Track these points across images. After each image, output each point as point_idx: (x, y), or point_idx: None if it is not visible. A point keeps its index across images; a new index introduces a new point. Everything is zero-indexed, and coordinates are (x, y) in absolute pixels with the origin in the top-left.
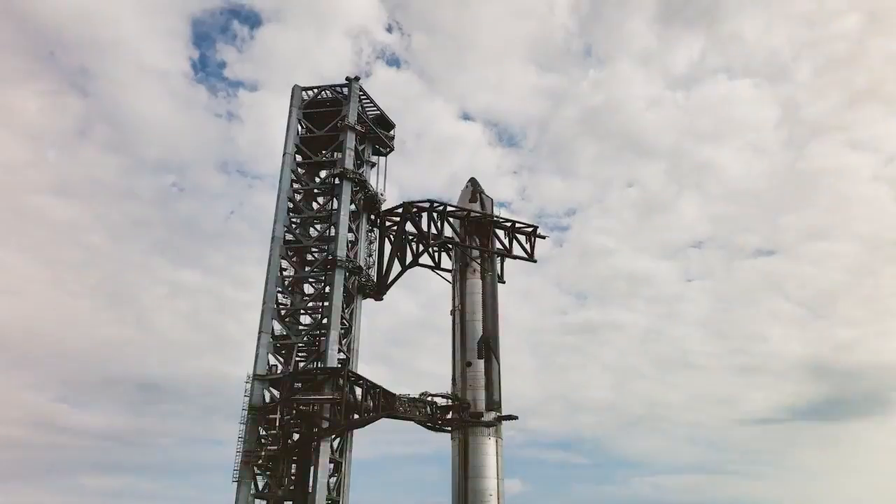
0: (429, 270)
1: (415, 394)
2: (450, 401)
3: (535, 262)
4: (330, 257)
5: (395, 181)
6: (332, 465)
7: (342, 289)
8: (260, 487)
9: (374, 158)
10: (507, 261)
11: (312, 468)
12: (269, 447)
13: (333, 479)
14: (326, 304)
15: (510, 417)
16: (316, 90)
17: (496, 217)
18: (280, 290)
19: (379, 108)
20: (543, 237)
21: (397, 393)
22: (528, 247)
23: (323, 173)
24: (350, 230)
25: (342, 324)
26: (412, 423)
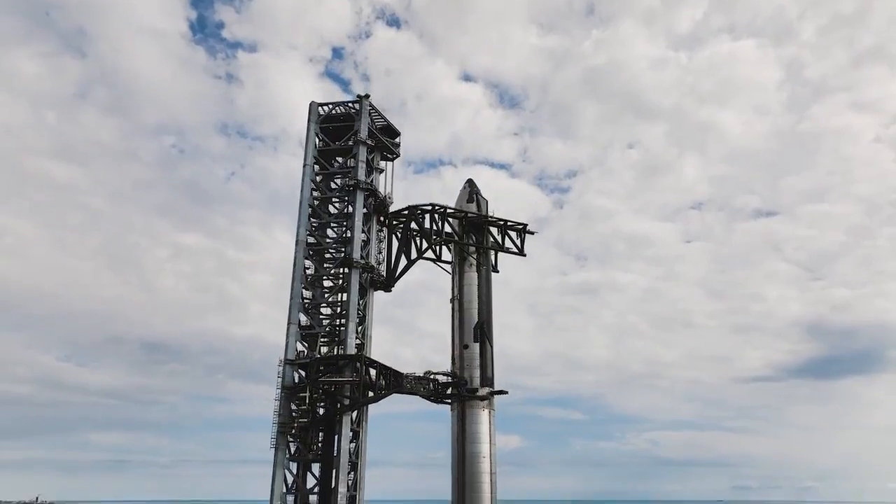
0: (430, 256)
1: (420, 372)
2: (450, 378)
3: (524, 255)
4: (347, 258)
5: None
6: (351, 434)
7: (357, 285)
8: (292, 452)
9: (382, 164)
10: (505, 240)
11: (336, 436)
12: (299, 420)
13: (353, 445)
14: (343, 296)
15: (501, 392)
16: (330, 105)
17: (490, 217)
18: (303, 286)
19: (386, 119)
20: (532, 233)
21: (404, 372)
22: (518, 242)
23: (337, 178)
24: (362, 231)
25: (357, 314)
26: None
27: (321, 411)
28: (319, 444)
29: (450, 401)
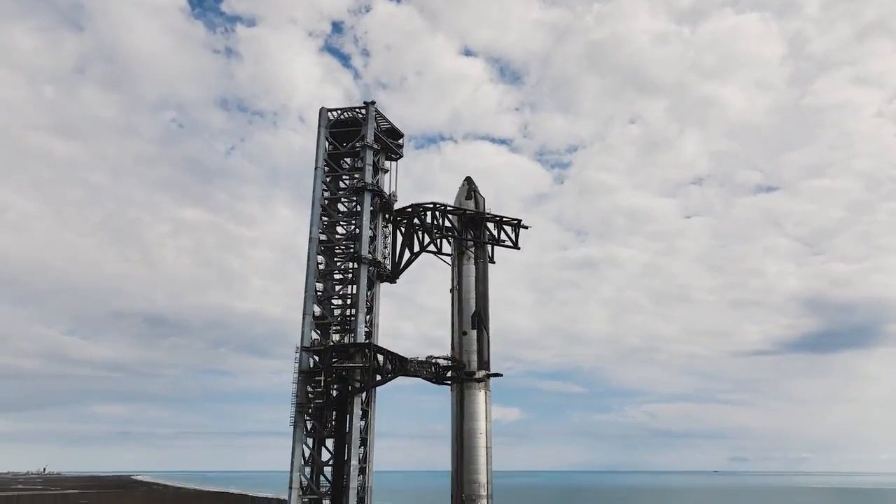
0: (431, 249)
1: (422, 356)
2: (449, 362)
3: (519, 249)
4: (356, 254)
5: (396, 120)
6: (361, 412)
7: (366, 279)
8: (309, 429)
9: (386, 164)
10: (501, 233)
11: (348, 415)
12: (315, 401)
13: (363, 423)
14: (353, 288)
15: (496, 375)
16: (339, 111)
17: (487, 213)
18: (317, 279)
19: (390, 123)
20: (526, 227)
21: (409, 357)
22: (513, 236)
23: (345, 178)
24: (369, 228)
25: (366, 305)
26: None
27: (334, 393)
28: (333, 422)
29: (449, 382)
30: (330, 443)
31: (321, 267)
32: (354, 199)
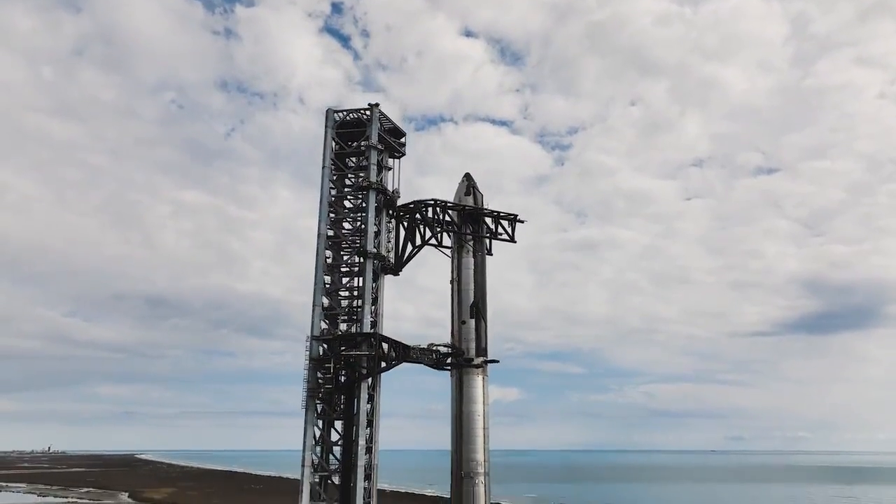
0: (433, 242)
1: (424, 344)
2: (449, 349)
3: (515, 242)
4: (361, 249)
5: (397, 102)
6: (368, 396)
7: (371, 272)
8: (319, 411)
9: (390, 162)
10: (498, 227)
11: (355, 399)
12: (325, 386)
13: (369, 406)
14: (359, 280)
15: (493, 361)
16: (345, 112)
17: (485, 209)
18: (325, 272)
19: (393, 122)
20: (522, 221)
21: (412, 345)
22: (510, 230)
23: (351, 176)
24: (374, 224)
25: (371, 297)
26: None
27: (342, 379)
28: (341, 405)
29: (449, 368)
30: (338, 424)
31: (329, 260)
32: (360, 195)
